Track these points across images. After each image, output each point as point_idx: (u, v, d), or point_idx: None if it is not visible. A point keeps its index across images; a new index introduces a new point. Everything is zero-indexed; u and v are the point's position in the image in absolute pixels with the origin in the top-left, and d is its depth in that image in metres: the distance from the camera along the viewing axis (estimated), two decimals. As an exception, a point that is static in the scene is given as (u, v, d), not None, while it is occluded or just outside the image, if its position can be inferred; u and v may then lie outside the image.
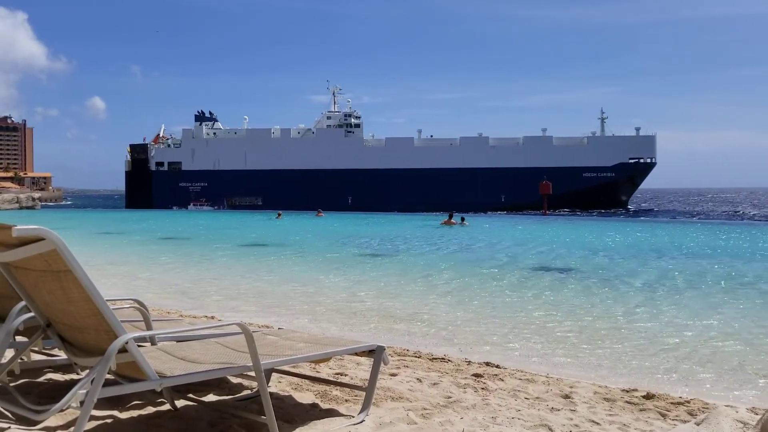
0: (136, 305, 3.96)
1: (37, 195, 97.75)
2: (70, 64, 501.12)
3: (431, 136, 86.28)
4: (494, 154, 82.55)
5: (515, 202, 76.09)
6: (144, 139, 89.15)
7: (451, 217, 36.33)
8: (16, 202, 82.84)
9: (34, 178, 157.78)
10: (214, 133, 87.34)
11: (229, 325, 3.62)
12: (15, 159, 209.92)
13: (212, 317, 8.73)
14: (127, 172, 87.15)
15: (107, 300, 2.99)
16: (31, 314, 3.41)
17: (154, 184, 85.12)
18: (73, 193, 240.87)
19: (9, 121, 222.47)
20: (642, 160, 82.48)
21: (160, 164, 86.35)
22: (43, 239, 2.84)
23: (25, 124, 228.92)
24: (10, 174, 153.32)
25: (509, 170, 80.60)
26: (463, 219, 35.83)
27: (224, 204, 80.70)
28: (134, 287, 12.85)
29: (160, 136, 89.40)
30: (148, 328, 3.86)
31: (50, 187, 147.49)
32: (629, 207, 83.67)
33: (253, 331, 3.42)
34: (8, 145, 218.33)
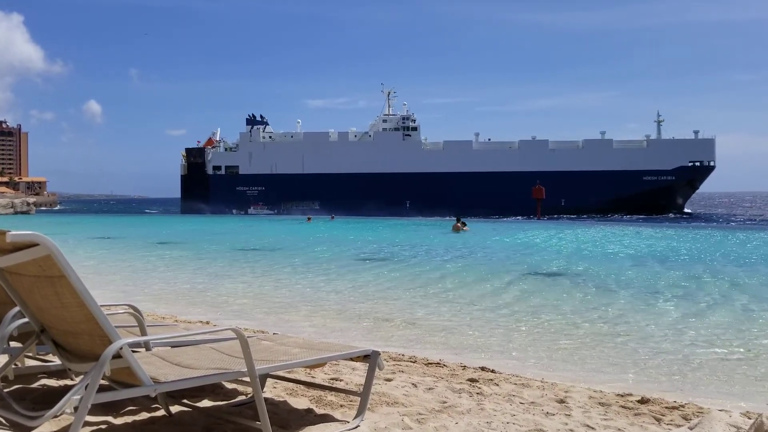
0: (131, 311, 3.95)
1: (32, 200, 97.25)
2: (66, 67, 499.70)
3: (489, 139, 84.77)
4: (554, 158, 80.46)
5: (578, 206, 73.62)
6: (198, 143, 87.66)
7: (458, 221, 35.98)
8: (11, 207, 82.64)
9: (29, 182, 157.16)
10: (270, 137, 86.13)
11: (223, 330, 3.62)
12: (10, 163, 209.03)
13: (207, 322, 8.72)
14: (182, 176, 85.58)
15: (102, 305, 2.98)
16: (25, 320, 3.40)
17: (211, 188, 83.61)
18: (69, 198, 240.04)
19: (4, 125, 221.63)
20: (701, 164, 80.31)
21: (217, 168, 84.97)
22: (37, 245, 2.83)
23: (20, 129, 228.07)
24: (5, 179, 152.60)
25: (569, 174, 78.16)
26: (464, 224, 35.37)
27: (281, 208, 79.98)
28: (129, 292, 12.82)
29: (216, 140, 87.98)
30: (143, 333, 3.85)
31: (45, 192, 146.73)
32: (687, 211, 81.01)
33: (248, 337, 3.41)
34: (3, 149, 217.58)
